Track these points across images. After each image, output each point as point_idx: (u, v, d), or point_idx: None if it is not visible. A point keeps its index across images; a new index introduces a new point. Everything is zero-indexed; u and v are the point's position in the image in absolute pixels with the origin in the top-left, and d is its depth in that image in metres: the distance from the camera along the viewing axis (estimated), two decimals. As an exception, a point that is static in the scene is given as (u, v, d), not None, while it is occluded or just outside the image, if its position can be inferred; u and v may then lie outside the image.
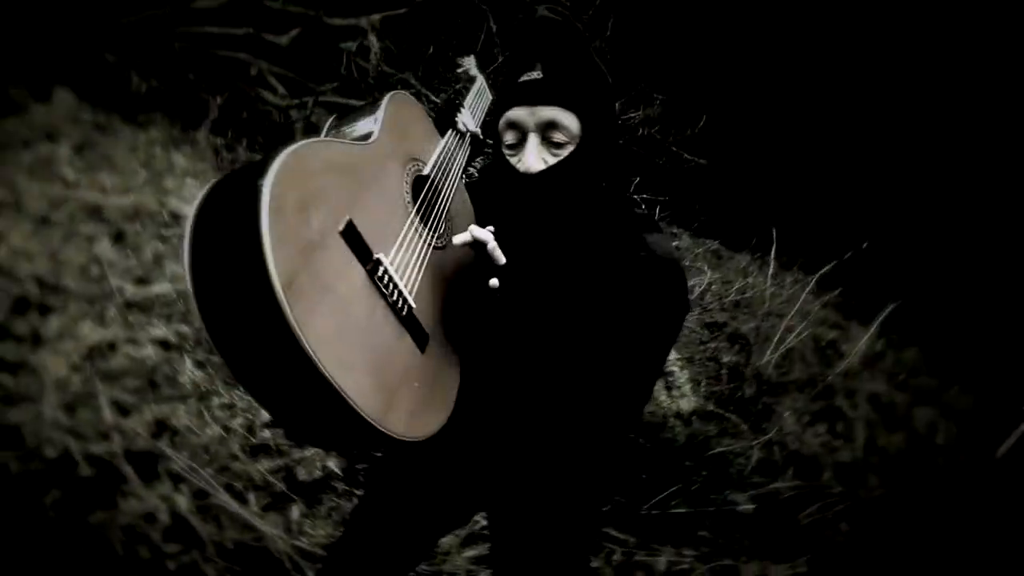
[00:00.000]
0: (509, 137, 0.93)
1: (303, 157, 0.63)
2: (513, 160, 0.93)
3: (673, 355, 2.90)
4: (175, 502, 1.66)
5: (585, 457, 1.03)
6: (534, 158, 0.91)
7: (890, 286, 3.59)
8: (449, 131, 0.95)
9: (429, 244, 0.80)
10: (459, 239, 0.80)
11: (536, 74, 0.91)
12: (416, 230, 0.78)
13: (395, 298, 0.69)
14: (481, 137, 1.00)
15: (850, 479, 2.58)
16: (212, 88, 4.03)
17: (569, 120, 0.90)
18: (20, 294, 2.10)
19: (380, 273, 0.68)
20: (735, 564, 2.03)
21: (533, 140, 0.91)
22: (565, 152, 0.91)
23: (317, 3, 4.57)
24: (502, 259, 0.81)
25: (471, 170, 1.05)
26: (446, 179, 0.88)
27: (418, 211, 0.80)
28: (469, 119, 0.98)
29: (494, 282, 0.80)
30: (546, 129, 0.91)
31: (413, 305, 0.72)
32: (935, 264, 4.85)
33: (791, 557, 2.10)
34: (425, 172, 0.86)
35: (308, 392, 0.57)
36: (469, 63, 1.08)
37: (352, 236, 0.66)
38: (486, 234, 0.80)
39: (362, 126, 0.81)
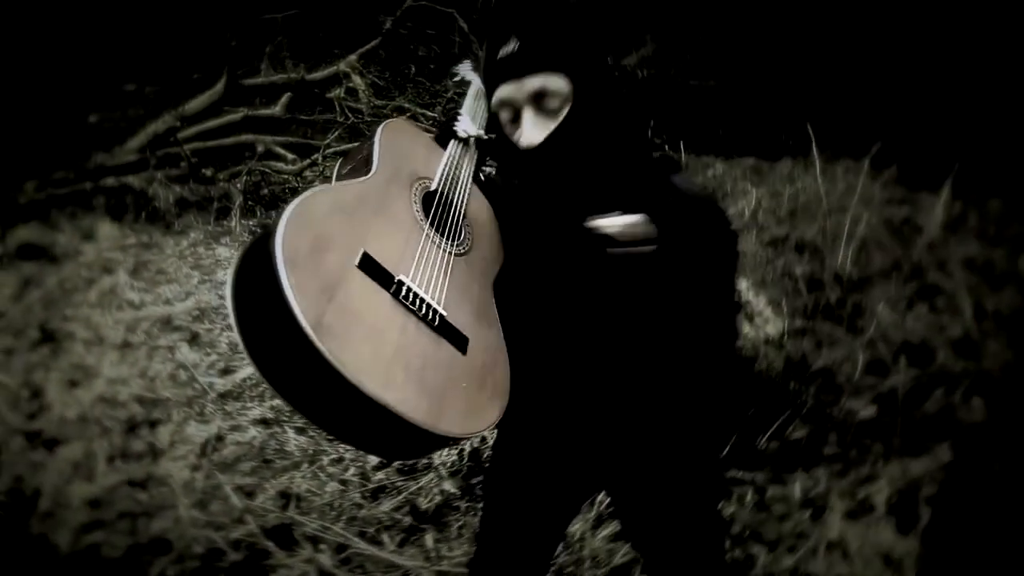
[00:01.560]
0: (504, 115, 0.92)
1: (305, 209, 0.70)
2: (515, 137, 0.92)
3: (744, 283, 2.81)
4: (320, 562, 1.75)
5: (684, 409, 1.02)
6: (533, 131, 0.89)
7: (949, 145, 3.35)
8: (451, 142, 0.97)
9: (450, 253, 0.84)
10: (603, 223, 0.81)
11: (513, 47, 0.89)
12: (434, 243, 0.83)
13: (423, 311, 0.74)
14: (486, 137, 1.00)
15: (969, 352, 2.43)
16: (230, 176, 4.22)
17: (558, 83, 0.88)
18: (128, 417, 2.26)
19: (404, 293, 0.73)
20: (872, 473, 1.95)
21: (528, 113, 0.90)
22: (562, 115, 0.89)
23: (296, 63, 4.70)
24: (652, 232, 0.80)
25: (488, 170, 1.05)
26: (455, 188, 0.91)
27: (432, 225, 0.84)
28: (469, 124, 0.98)
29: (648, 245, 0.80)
30: (537, 99, 0.89)
31: (444, 313, 0.76)
32: (988, 108, 4.49)
33: (930, 448, 2.00)
34: (432, 188, 0.89)
35: (365, 415, 0.64)
36: (464, 69, 1.10)
37: (369, 266, 0.71)
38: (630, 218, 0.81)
39: (361, 163, 0.85)
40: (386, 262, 0.73)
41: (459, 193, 0.90)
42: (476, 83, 1.07)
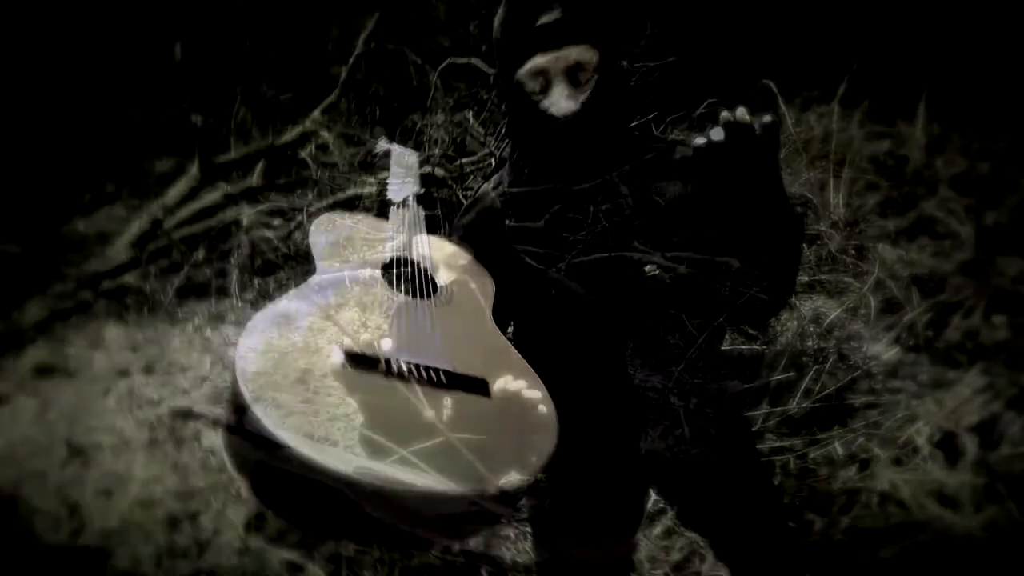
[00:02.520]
0: (533, 85, 0.92)
1: (253, 349, 0.69)
2: (544, 106, 0.91)
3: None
4: (381, 620, 1.74)
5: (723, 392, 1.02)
6: (567, 101, 0.90)
7: (914, 71, 3.33)
8: (391, 209, 1.02)
9: (432, 307, 0.85)
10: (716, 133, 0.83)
11: (556, 15, 0.88)
12: (411, 306, 0.83)
13: (425, 375, 0.71)
14: (422, 191, 1.07)
15: (978, 272, 2.41)
16: (221, 255, 4.26)
17: (591, 56, 0.90)
18: (167, 514, 2.27)
19: (395, 369, 0.70)
20: (908, 414, 1.93)
21: (560, 83, 0.90)
22: (590, 87, 0.90)
23: (264, 131, 4.75)
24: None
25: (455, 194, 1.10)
26: (411, 247, 0.94)
27: (399, 291, 0.85)
28: (400, 187, 1.05)
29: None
30: (572, 70, 0.90)
31: (448, 368, 0.73)
32: (948, 25, 4.47)
33: (960, 376, 1.98)
34: (387, 258, 0.90)
35: (410, 509, 0.60)
36: (381, 144, 1.16)
37: (351, 361, 0.70)
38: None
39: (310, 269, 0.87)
40: (366, 348, 0.72)
41: (415, 248, 0.92)
42: (394, 149, 1.15)
